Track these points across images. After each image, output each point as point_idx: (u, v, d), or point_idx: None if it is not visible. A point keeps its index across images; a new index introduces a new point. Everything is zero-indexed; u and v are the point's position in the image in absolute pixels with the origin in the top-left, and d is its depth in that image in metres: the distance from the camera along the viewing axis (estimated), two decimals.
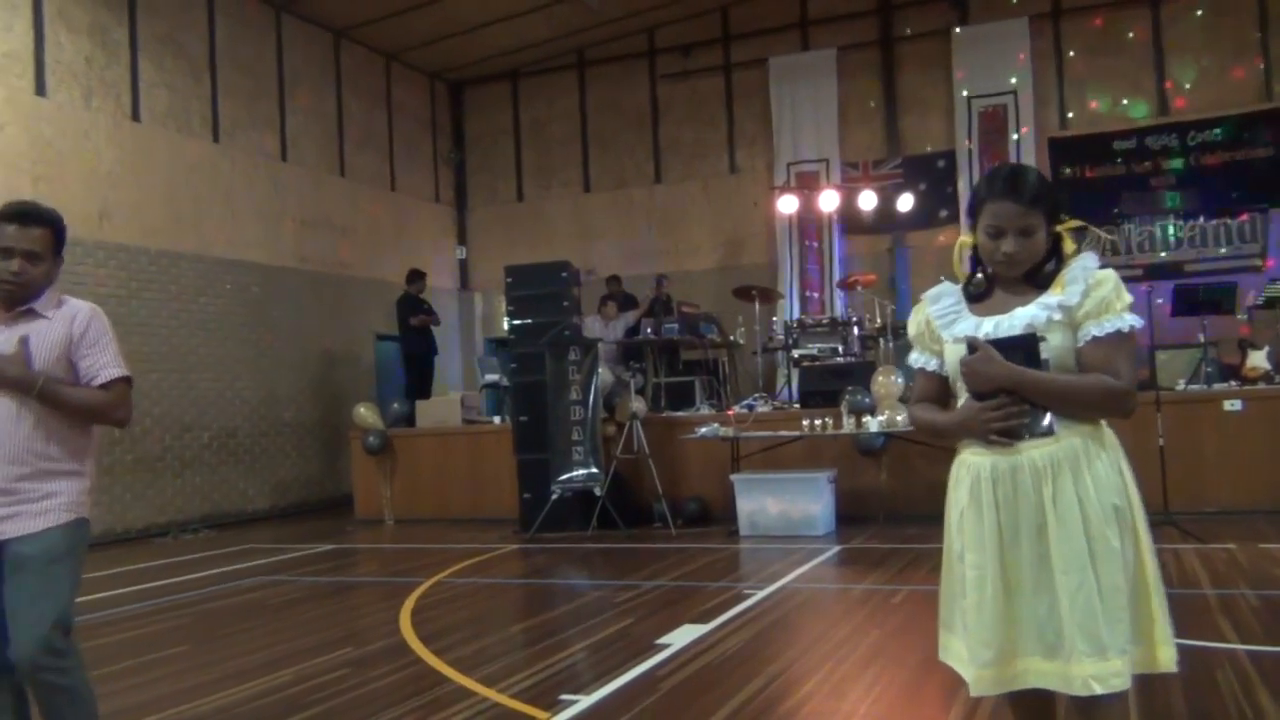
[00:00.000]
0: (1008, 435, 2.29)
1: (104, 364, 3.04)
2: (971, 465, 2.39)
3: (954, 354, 2.37)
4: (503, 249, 15.61)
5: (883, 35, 14.48)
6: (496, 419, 11.58)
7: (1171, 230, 13.01)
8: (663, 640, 5.06)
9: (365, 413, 11.42)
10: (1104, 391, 2.24)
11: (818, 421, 8.83)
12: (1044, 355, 2.25)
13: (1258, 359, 9.51)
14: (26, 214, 2.99)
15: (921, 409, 2.54)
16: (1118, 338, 2.26)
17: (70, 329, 3.01)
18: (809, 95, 14.55)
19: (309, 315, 13.46)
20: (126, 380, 3.07)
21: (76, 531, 2.99)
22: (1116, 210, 13.00)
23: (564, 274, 10.11)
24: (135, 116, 11.39)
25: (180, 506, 11.37)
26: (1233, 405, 8.63)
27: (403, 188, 15.72)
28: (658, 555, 8.03)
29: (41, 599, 2.86)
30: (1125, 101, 13.42)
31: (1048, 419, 2.27)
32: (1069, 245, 2.38)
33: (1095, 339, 2.27)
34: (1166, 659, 2.29)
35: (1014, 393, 2.26)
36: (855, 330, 11.22)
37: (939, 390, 2.53)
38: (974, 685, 2.33)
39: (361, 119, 14.93)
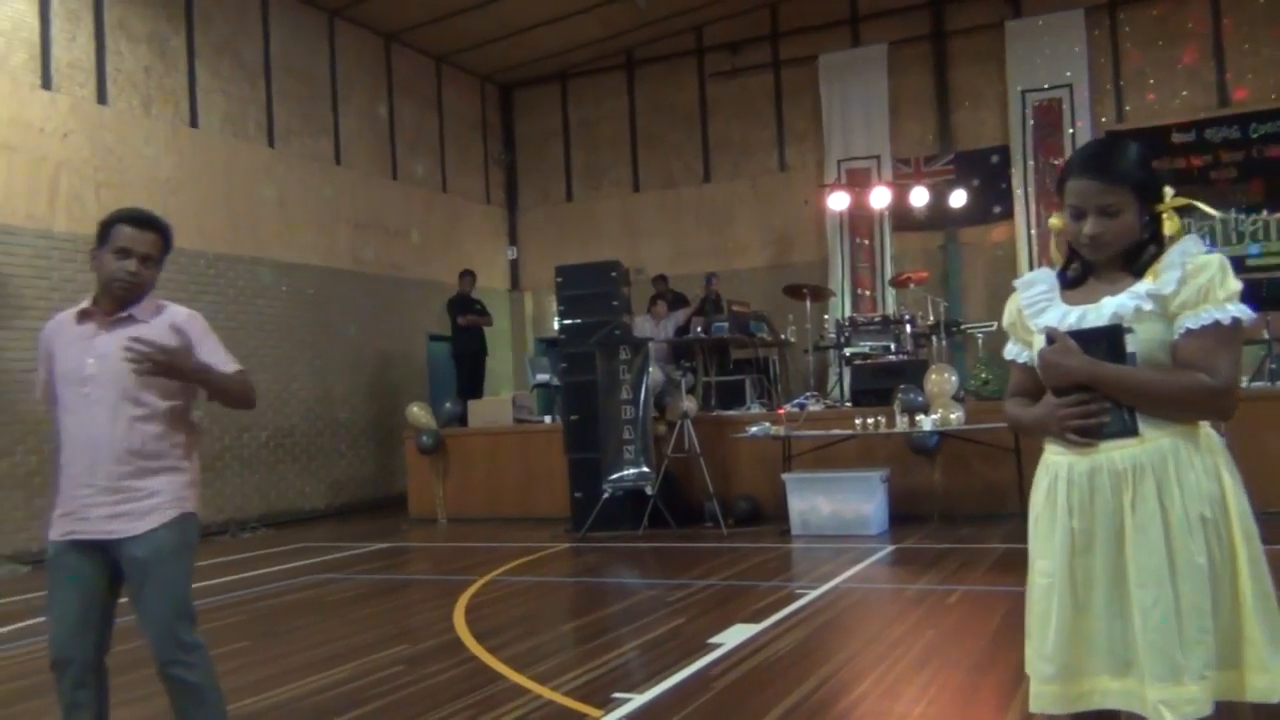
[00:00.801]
0: (1085, 434, 2.11)
1: (222, 360, 3.13)
2: (1051, 465, 2.22)
3: (1041, 345, 2.20)
4: (553, 249, 15.68)
5: (934, 29, 14.32)
6: (548, 419, 11.63)
7: (1233, 224, 12.72)
8: (715, 640, 5.05)
9: (418, 412, 11.53)
10: (1194, 390, 2.05)
11: (870, 420, 8.76)
12: (1130, 349, 2.06)
13: None
14: (143, 218, 3.12)
15: (1012, 403, 2.36)
16: (1216, 330, 2.05)
17: (165, 330, 3.07)
18: (860, 91, 14.43)
19: (363, 316, 13.63)
20: (246, 374, 3.20)
21: (182, 526, 3.06)
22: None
23: (614, 273, 10.13)
24: (193, 123, 11.62)
25: (239, 505, 11.58)
26: None
27: (454, 189, 15.86)
28: (709, 554, 8.02)
29: (161, 598, 2.99)
30: (1184, 93, 13.14)
31: (1132, 418, 2.09)
32: (1172, 227, 2.17)
33: (1189, 331, 2.07)
34: (1265, 687, 2.04)
35: (1092, 389, 2.09)
36: (907, 328, 11.11)
37: (1032, 383, 2.32)
38: (1033, 701, 2.18)
39: (413, 122, 15.09)
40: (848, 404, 10.47)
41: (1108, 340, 2.08)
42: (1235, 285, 2.09)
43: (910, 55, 14.41)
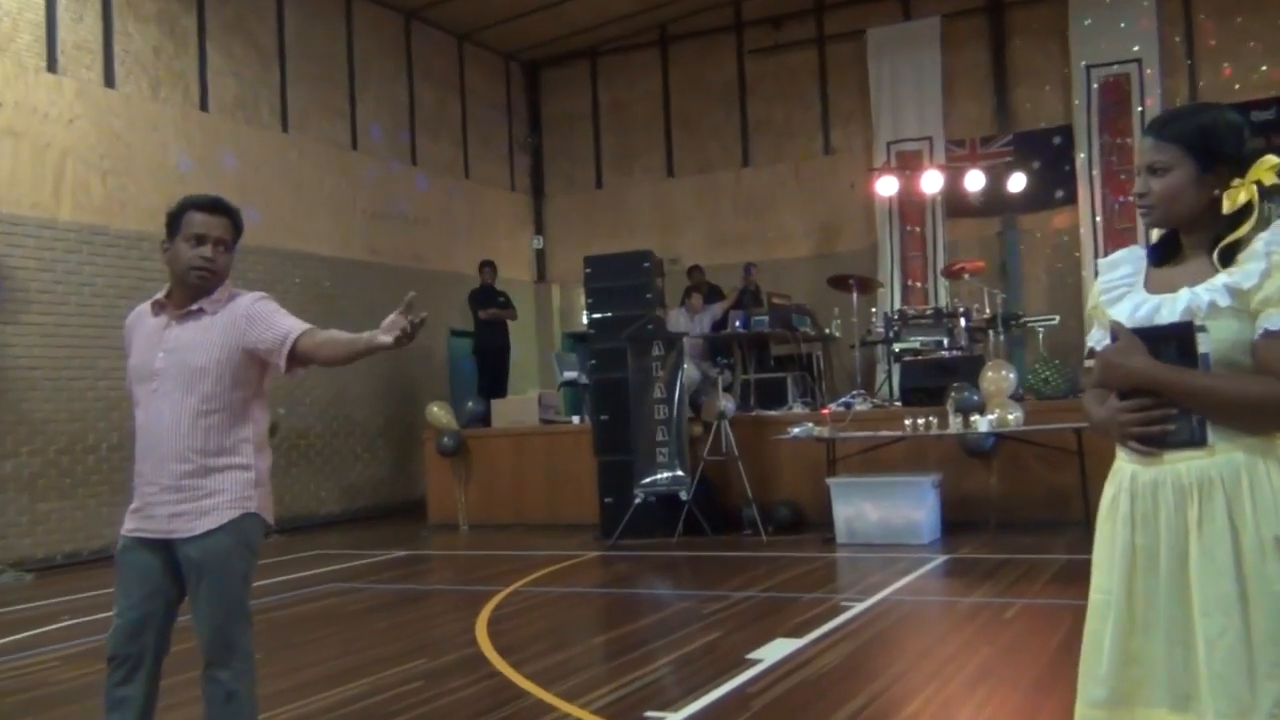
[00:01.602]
0: (1148, 443, 2.03)
1: (290, 324, 3.13)
2: (1117, 473, 2.14)
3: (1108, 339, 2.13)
4: (581, 238, 15.69)
5: (991, 2, 14.19)
6: (576, 419, 11.66)
7: None
8: (754, 655, 5.04)
9: (439, 412, 11.60)
10: (1268, 399, 1.94)
11: (921, 421, 8.70)
12: (1203, 349, 1.96)
13: None
14: (215, 203, 3.21)
15: (1090, 397, 2.25)
16: None
17: (233, 318, 3.14)
18: (910, 68, 14.33)
19: (380, 309, 13.33)
20: (312, 330, 3.18)
21: (241, 528, 3.12)
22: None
23: (646, 264, 10.13)
24: (203, 107, 11.75)
25: None
26: None
27: (477, 176, 15.93)
28: (748, 564, 8.00)
29: (214, 599, 3.07)
30: (1264, 67, 12.93)
31: (1200, 426, 2.00)
32: (1230, 203, 2.03)
33: (1268, 333, 1.95)
34: None
35: (1154, 393, 2.02)
36: (962, 322, 11.02)
37: None
38: None
39: (433, 105, 15.17)
40: (897, 403, 10.41)
41: (1177, 339, 1.99)
42: None
43: (965, 29, 14.29)
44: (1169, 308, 2.06)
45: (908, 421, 8.80)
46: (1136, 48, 13.29)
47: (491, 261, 13.65)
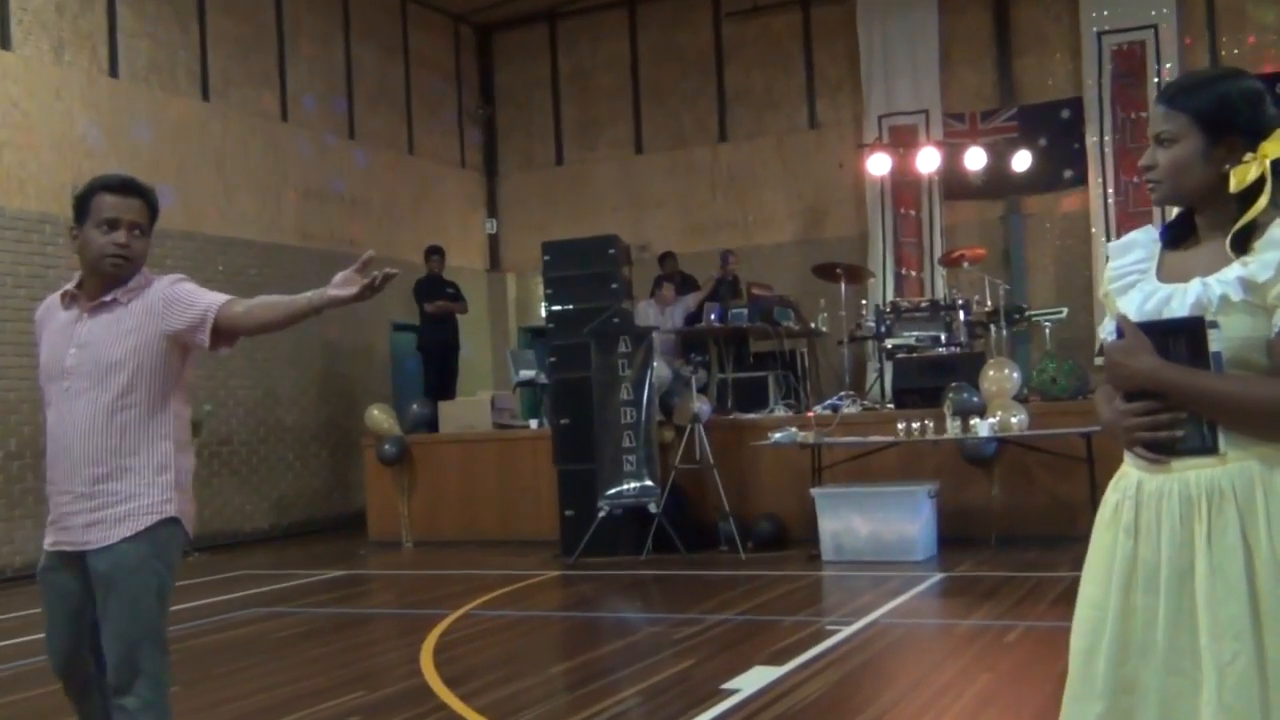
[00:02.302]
0: (1154, 449, 2.05)
1: (211, 299, 3.20)
2: (1122, 477, 2.16)
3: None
4: (540, 222, 15.66)
5: None
6: (533, 423, 11.65)
7: None
8: (730, 685, 5.06)
9: (379, 416, 11.56)
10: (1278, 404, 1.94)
11: (915, 425, 8.76)
12: (1215, 347, 1.97)
13: None
14: (125, 183, 3.26)
15: (1101, 395, 2.24)
16: None
17: (148, 302, 3.20)
18: (904, 34, 14.41)
19: None
20: (234, 299, 3.25)
21: (157, 537, 3.14)
22: None
23: (611, 251, 10.14)
24: (113, 72, 11.63)
25: None
26: None
27: (422, 151, 15.88)
28: (724, 584, 8.04)
29: (120, 617, 3.07)
30: None
31: (1211, 432, 2.00)
32: (1238, 181, 2.03)
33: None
34: None
35: (1162, 395, 2.02)
36: (960, 315, 11.11)
37: None
38: None
39: (374, 72, 15.10)
40: (889, 405, 10.48)
41: (1187, 335, 1.99)
42: None
43: None
44: (1179, 300, 2.05)
45: (901, 425, 8.86)
46: (1153, 12, 13.43)
47: (439, 247, 13.61)
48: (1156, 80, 13.36)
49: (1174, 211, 2.22)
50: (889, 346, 11.24)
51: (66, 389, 3.17)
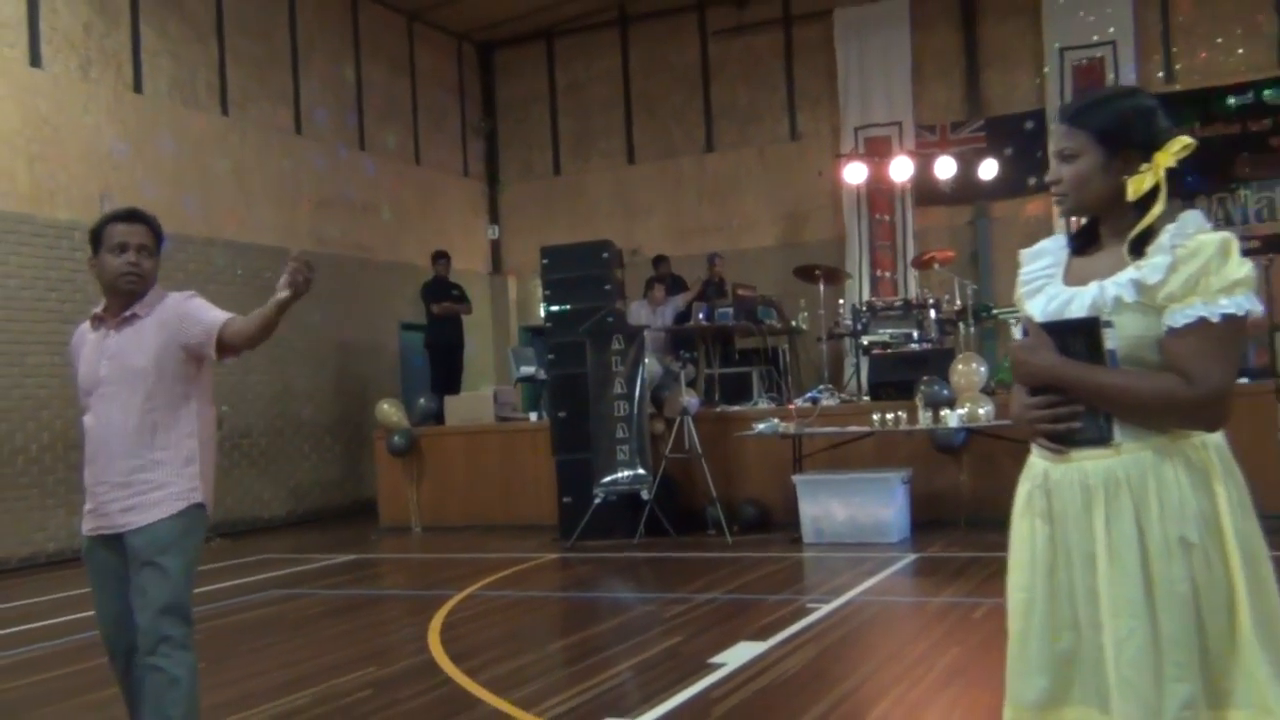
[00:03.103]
0: (1054, 440, 2.09)
1: (212, 316, 3.42)
2: (1030, 468, 2.20)
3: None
4: (538, 228, 15.66)
5: None
6: (533, 416, 11.65)
7: None
8: (716, 659, 5.07)
9: (389, 410, 11.55)
10: (1165, 397, 1.98)
11: (890, 416, 8.78)
12: (1111, 344, 2.00)
13: None
14: (129, 213, 3.50)
15: (1016, 389, 2.28)
16: (1202, 329, 1.96)
17: (164, 316, 3.43)
18: (879, 51, 14.43)
19: (327, 303, 13.62)
20: (235, 316, 3.46)
21: (186, 519, 3.39)
22: (1232, 174, 12.77)
23: (605, 254, 10.14)
24: (137, 88, 11.61)
25: None
26: None
27: (428, 162, 15.86)
28: (711, 565, 8.04)
29: (153, 586, 3.30)
30: (1241, 51, 13.14)
31: (1107, 424, 2.03)
32: (1135, 189, 2.05)
33: (1171, 330, 1.99)
34: None
35: (1061, 389, 2.06)
36: (932, 313, 11.12)
37: None
38: None
39: (382, 87, 15.07)
40: (865, 398, 10.49)
41: (1084, 334, 2.03)
42: (1236, 273, 1.98)
43: (935, 10, 14.40)
44: (1079, 302, 2.09)
45: (876, 416, 8.87)
46: (1111, 29, 13.46)
47: (445, 252, 13.61)
48: None
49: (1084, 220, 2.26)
50: (865, 343, 11.25)
51: (102, 394, 3.41)
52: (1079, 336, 2.03)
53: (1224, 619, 1.99)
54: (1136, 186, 2.06)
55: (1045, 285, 2.21)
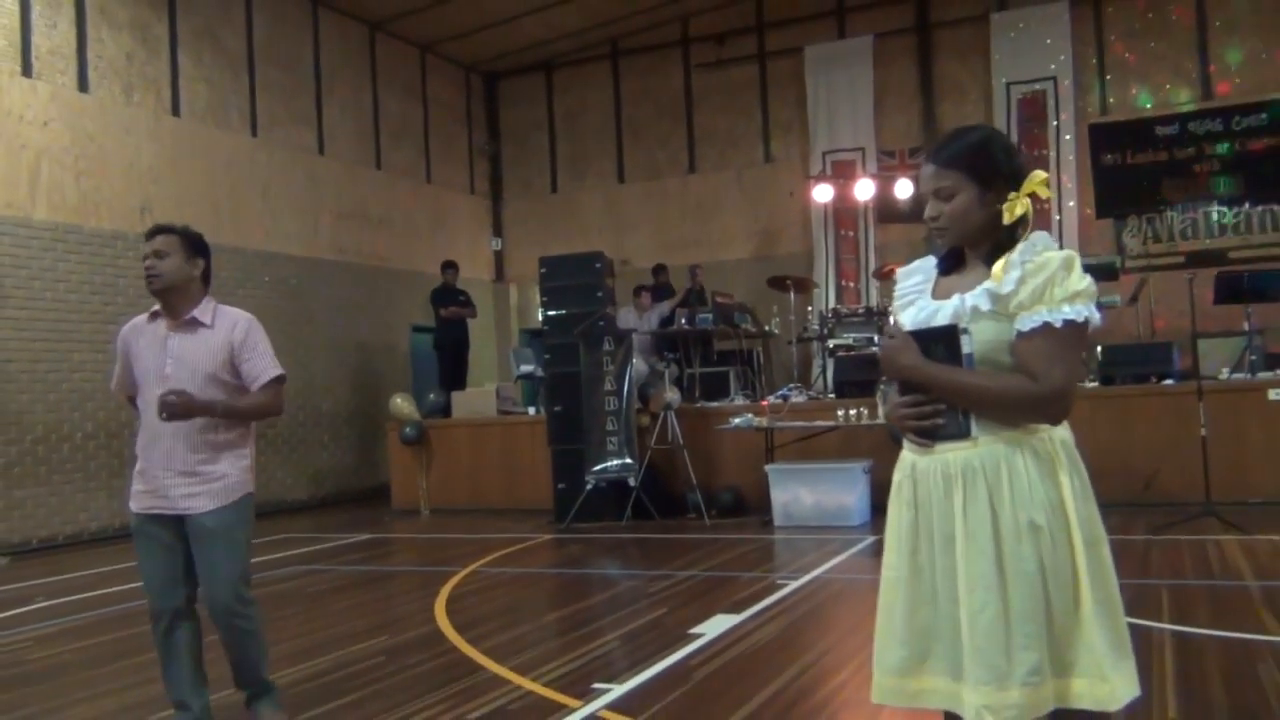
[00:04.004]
0: (920, 434, 2.12)
1: (264, 367, 3.66)
2: (902, 460, 2.23)
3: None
4: (537, 240, 15.64)
5: (919, 21, 14.35)
6: (531, 410, 11.63)
7: (1216, 217, 12.79)
8: (696, 630, 5.07)
9: (401, 403, 11.51)
10: (1012, 395, 2.02)
11: (853, 412, 8.79)
12: (968, 349, 2.04)
13: None
14: (157, 229, 3.67)
15: (887, 392, 2.38)
16: (1045, 333, 2.01)
17: (231, 336, 3.63)
18: (845, 83, 14.45)
19: (346, 306, 13.59)
20: (280, 379, 3.70)
21: (244, 504, 3.68)
22: (1159, 197, 12.83)
23: (598, 265, 10.12)
24: (175, 112, 11.55)
25: None
26: (1278, 394, 8.48)
27: (438, 180, 15.81)
28: (691, 545, 8.04)
29: (227, 561, 3.59)
30: (1168, 86, 13.20)
31: (966, 420, 2.07)
32: (1009, 215, 2.09)
33: (1020, 334, 2.03)
34: (1104, 695, 2.00)
35: (926, 389, 2.09)
36: (890, 319, 11.11)
37: None
38: (874, 693, 2.19)
39: (397, 112, 15.02)
40: (831, 395, 10.49)
41: (944, 341, 2.07)
42: (1078, 285, 2.02)
43: (895, 47, 14.43)
44: (943, 313, 2.12)
45: (840, 412, 8.88)
46: (1053, 66, 13.50)
47: (453, 262, 13.57)
48: (1055, 124, 13.45)
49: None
50: (831, 346, 11.26)
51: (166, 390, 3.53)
52: (940, 343, 2.07)
53: (1068, 595, 2.03)
54: (1011, 212, 2.10)
55: (917, 299, 2.24)
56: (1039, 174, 2.11)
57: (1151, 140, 13.04)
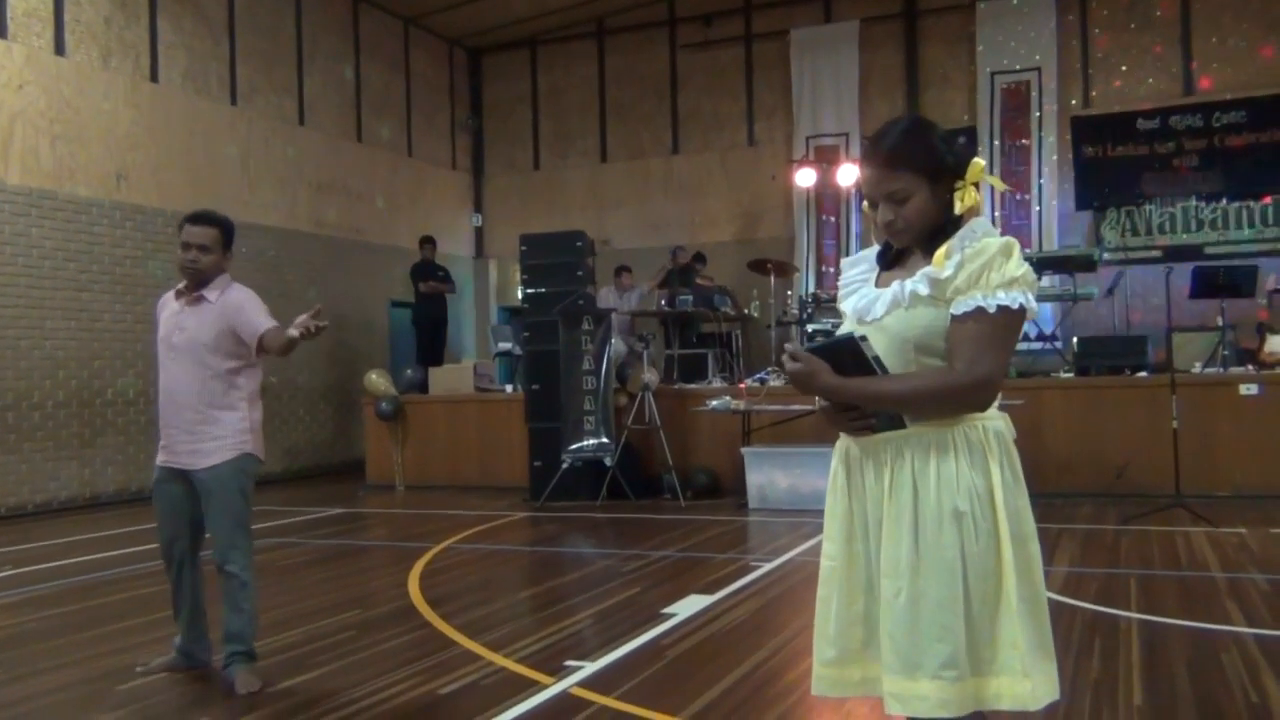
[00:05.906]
0: (861, 434, 2.12)
1: (259, 321, 4.04)
2: (838, 448, 2.22)
3: (848, 329, 2.16)
4: (519, 217, 15.58)
5: (906, 8, 14.32)
6: (509, 387, 11.60)
7: (1193, 212, 12.88)
8: (669, 609, 5.09)
9: (377, 379, 11.46)
10: (930, 390, 2.00)
11: None
12: (873, 352, 2.02)
13: (1276, 343, 9.44)
14: (201, 216, 4.08)
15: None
16: (977, 317, 1.97)
17: (225, 309, 4.03)
18: (830, 68, 14.43)
19: (324, 280, 13.48)
20: (277, 328, 4.04)
21: (241, 463, 4.03)
22: (1138, 191, 12.91)
23: (579, 243, 10.09)
24: (154, 78, 11.39)
25: None
26: (1249, 389, 8.57)
27: (419, 154, 15.70)
28: (666, 526, 8.06)
29: (225, 512, 4.01)
30: (1150, 80, 13.26)
31: (898, 414, 2.06)
32: (962, 206, 2.06)
33: (953, 318, 2.00)
34: (1025, 694, 1.95)
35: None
36: (806, 333, 11.13)
37: None
38: (814, 683, 2.15)
39: (379, 84, 14.89)
40: None
41: (848, 352, 2.04)
42: (1015, 271, 1.99)
43: (881, 33, 14.41)
44: (883, 300, 2.10)
45: (817, 397, 8.87)
46: (1037, 57, 13.53)
47: (432, 237, 13.49)
48: (1038, 114, 13.48)
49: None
50: (809, 330, 11.29)
51: (174, 358, 4.04)
52: (845, 354, 2.03)
53: (990, 587, 1.98)
54: (963, 200, 2.06)
55: (859, 288, 2.21)
56: (979, 161, 2.09)
57: (1132, 134, 13.10)
